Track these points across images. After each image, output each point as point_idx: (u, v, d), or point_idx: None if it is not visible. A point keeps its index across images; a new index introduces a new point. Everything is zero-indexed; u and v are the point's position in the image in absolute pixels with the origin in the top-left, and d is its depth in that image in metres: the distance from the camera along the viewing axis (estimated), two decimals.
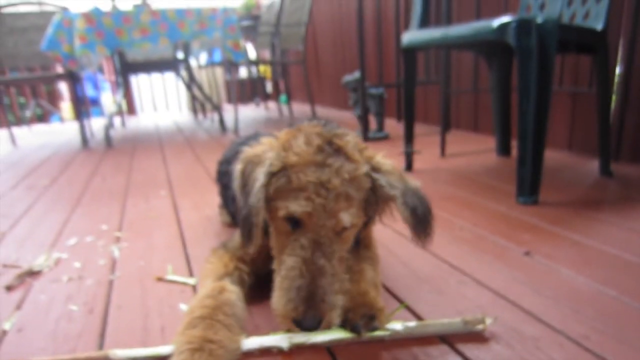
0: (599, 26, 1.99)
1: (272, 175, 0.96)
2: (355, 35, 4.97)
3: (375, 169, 1.01)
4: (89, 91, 7.06)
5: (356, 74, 3.39)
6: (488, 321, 1.00)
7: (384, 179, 0.99)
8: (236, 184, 1.01)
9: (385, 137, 3.57)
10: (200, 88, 4.83)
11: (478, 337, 0.99)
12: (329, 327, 0.95)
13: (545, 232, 1.56)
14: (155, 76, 6.96)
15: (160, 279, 1.37)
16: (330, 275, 0.93)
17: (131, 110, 7.16)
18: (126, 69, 4.51)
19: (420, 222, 0.99)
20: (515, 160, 1.85)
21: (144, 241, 1.69)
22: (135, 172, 2.90)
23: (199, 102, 6.04)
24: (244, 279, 1.15)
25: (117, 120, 5.81)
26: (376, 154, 1.05)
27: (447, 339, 0.99)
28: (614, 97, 2.40)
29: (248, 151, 1.03)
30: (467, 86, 3.44)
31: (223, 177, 1.68)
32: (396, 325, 1.00)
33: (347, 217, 0.94)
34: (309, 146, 0.96)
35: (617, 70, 2.41)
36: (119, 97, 4.51)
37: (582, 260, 1.33)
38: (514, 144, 2.32)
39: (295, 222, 0.95)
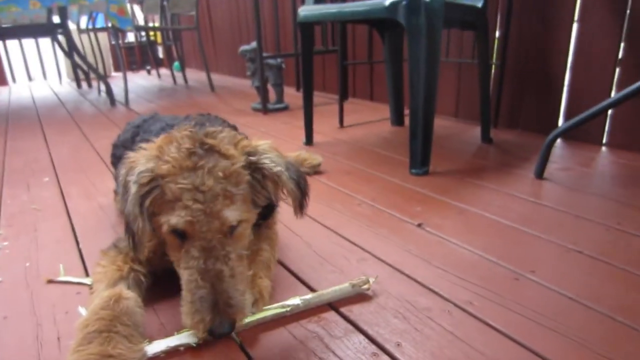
0: (479, 4, 2.13)
1: (146, 187, 0.92)
2: (251, 3, 4.82)
3: (253, 154, 0.99)
4: None
5: (253, 44, 3.31)
6: (371, 280, 1.14)
7: (266, 159, 1.00)
8: (120, 189, 0.96)
9: (285, 108, 3.57)
10: (82, 56, 4.42)
11: (378, 312, 1.06)
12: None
13: (436, 202, 1.68)
14: (28, 42, 6.24)
15: (51, 281, 1.27)
16: (230, 277, 0.92)
17: (1, 79, 6.38)
18: None
19: (302, 195, 1.04)
20: (408, 131, 1.95)
21: (28, 238, 1.55)
22: (11, 155, 2.62)
23: (82, 71, 5.55)
24: (141, 281, 1.10)
25: None
26: (253, 142, 1.04)
27: (351, 319, 1.05)
28: (493, 68, 2.61)
29: (130, 156, 0.98)
30: (363, 55, 3.52)
31: (118, 162, 1.58)
32: (295, 301, 1.06)
33: (232, 215, 0.92)
34: (179, 152, 0.93)
35: (496, 43, 2.61)
36: None
37: (467, 228, 1.46)
38: (407, 113, 2.44)
39: (181, 234, 0.93)
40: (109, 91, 4.20)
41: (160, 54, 7.26)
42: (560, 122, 2.41)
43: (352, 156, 2.28)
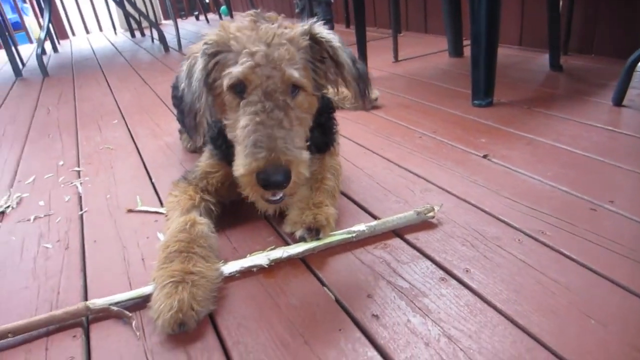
0: None
1: (213, 57, 0.97)
2: None
3: (312, 29, 1.01)
4: (7, 14, 6.39)
5: None
6: (437, 208, 1.13)
7: (325, 32, 1.01)
8: (183, 80, 0.99)
9: None
10: (133, 4, 4.45)
11: (444, 240, 1.05)
12: (297, 183, 0.91)
13: (501, 133, 1.61)
14: None
15: (131, 211, 1.36)
16: (288, 127, 0.91)
17: (61, 34, 6.59)
18: None
19: (362, 78, 1.04)
20: (468, 62, 1.85)
21: (106, 174, 1.65)
22: (81, 102, 2.75)
23: (135, 20, 5.61)
24: (211, 209, 1.15)
25: (47, 46, 5.36)
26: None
27: (418, 246, 1.05)
28: None
29: (192, 47, 1.04)
30: None
31: (178, 102, 1.62)
32: (360, 227, 1.07)
33: (293, 70, 0.92)
34: (243, 22, 0.98)
35: None
36: (46, 20, 4.11)
37: (536, 159, 1.40)
38: (466, 43, 2.30)
39: (242, 88, 0.93)
40: (162, 38, 4.25)
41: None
42: None
43: (409, 90, 2.21)
